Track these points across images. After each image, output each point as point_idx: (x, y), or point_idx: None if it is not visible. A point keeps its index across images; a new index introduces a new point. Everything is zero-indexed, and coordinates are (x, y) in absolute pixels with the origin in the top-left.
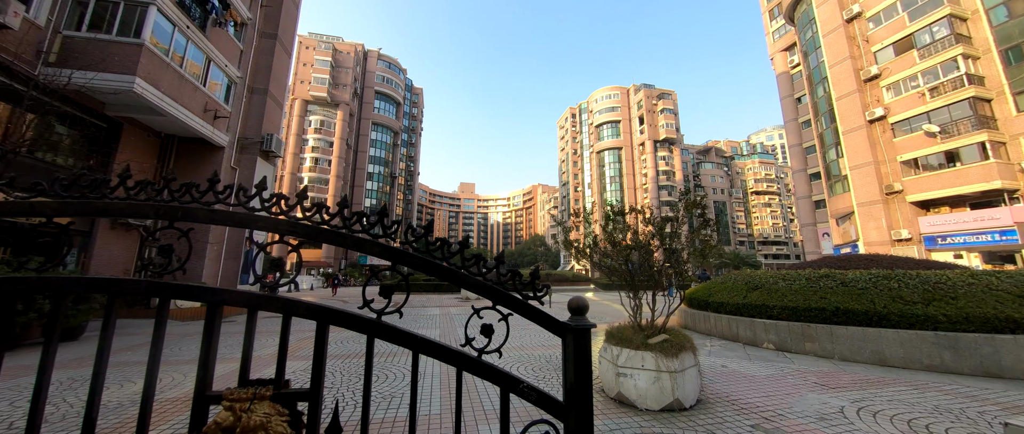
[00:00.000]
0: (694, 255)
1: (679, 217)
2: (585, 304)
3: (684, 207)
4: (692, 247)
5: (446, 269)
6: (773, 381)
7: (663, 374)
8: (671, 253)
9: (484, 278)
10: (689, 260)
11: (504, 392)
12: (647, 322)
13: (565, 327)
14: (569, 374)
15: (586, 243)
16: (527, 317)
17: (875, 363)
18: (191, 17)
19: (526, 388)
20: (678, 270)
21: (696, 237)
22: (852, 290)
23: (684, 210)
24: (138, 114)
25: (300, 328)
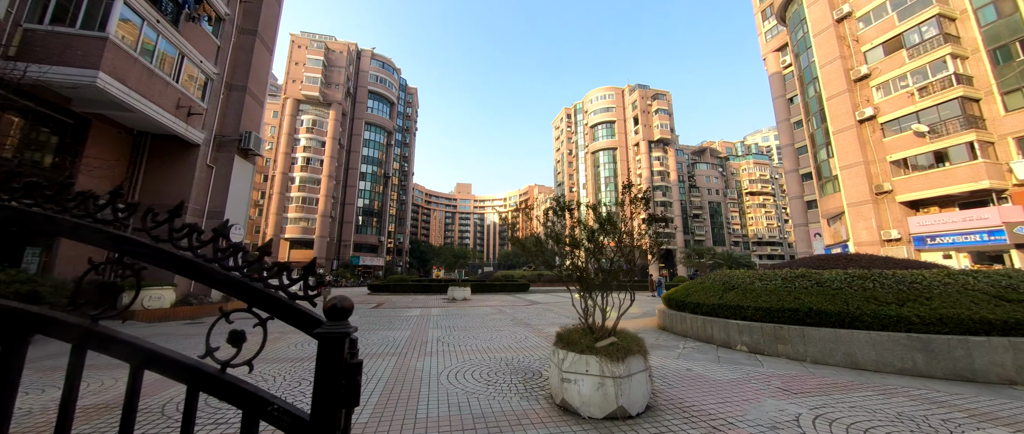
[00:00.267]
0: (649, 252)
1: (631, 214)
2: (347, 306)
3: (629, 201)
4: (639, 241)
5: (187, 262)
6: (735, 386)
7: (607, 380)
8: (621, 251)
9: (243, 275)
10: (644, 257)
11: (249, 417)
12: (600, 324)
13: (318, 334)
14: (316, 389)
15: (530, 241)
16: (286, 321)
17: (847, 366)
18: (162, 11)
19: (277, 412)
20: (631, 268)
21: (648, 234)
22: (827, 290)
23: (629, 204)
24: (106, 110)
25: None
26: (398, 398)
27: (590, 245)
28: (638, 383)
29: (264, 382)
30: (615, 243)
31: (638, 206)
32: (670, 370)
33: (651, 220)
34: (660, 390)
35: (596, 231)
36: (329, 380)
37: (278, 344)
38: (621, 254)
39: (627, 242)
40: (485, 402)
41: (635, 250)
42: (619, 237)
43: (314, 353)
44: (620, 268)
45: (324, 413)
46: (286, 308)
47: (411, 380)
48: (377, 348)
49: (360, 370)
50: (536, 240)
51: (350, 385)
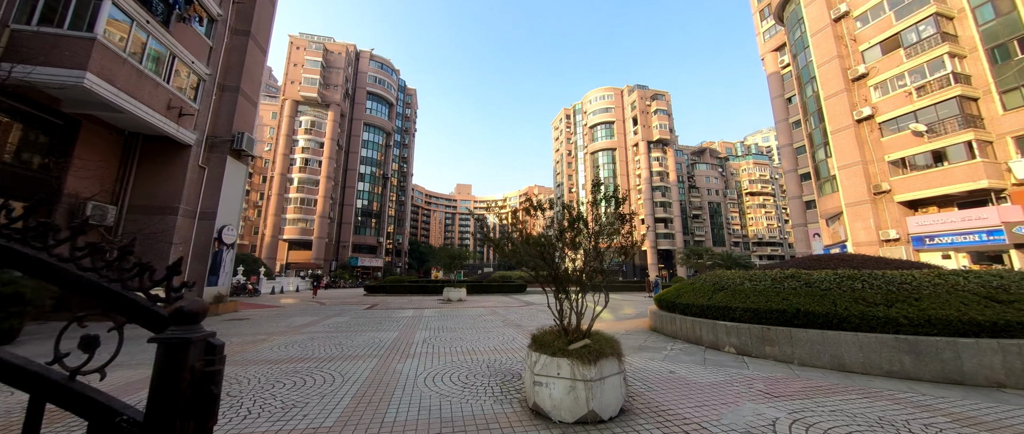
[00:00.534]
0: (624, 252)
1: (602, 214)
2: (197, 309)
3: (594, 200)
4: (605, 241)
5: (38, 262)
6: (715, 389)
7: (578, 383)
8: (586, 252)
9: (100, 275)
10: (612, 257)
11: (94, 429)
12: (575, 326)
13: (155, 340)
14: (150, 399)
15: (496, 237)
16: (143, 326)
17: (834, 368)
18: (152, 12)
19: (126, 423)
20: (596, 268)
21: (621, 234)
22: (815, 291)
23: (593, 204)
24: (96, 111)
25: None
26: (369, 401)
27: (559, 245)
28: (611, 386)
29: (237, 384)
30: (590, 242)
31: (610, 205)
32: (653, 372)
33: (620, 218)
34: (639, 393)
35: (565, 230)
36: (167, 390)
37: (262, 346)
38: (596, 254)
39: (594, 242)
40: (457, 405)
41: (609, 250)
42: (590, 237)
43: (301, 354)
44: (597, 269)
45: (159, 426)
46: (144, 313)
47: (387, 383)
48: (361, 350)
49: (215, 379)
50: (508, 240)
51: (199, 397)
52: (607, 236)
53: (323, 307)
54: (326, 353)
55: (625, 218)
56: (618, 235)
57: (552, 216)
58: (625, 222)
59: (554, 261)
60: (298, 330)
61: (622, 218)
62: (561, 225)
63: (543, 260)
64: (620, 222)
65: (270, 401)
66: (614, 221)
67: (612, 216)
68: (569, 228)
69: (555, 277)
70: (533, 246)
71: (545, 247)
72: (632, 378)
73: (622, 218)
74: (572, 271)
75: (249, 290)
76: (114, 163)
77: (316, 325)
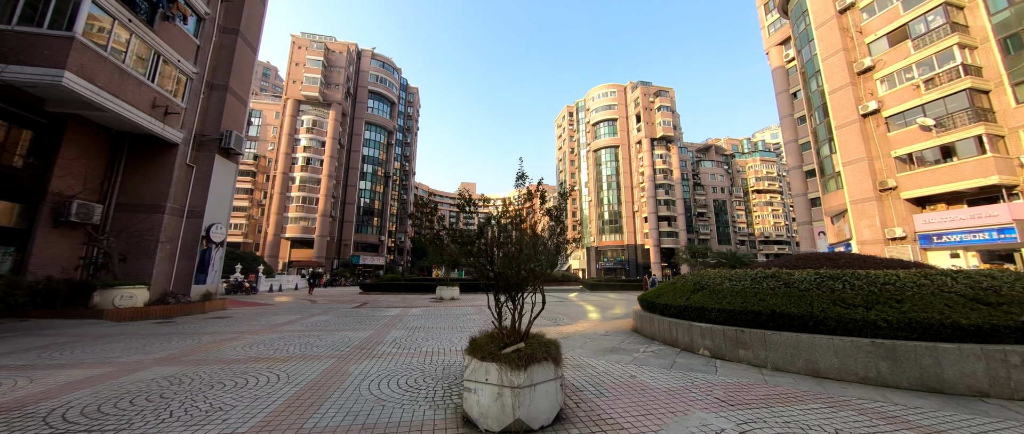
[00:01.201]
0: (549, 254)
1: (536, 209)
2: None
3: (538, 206)
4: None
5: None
6: (671, 396)
7: (505, 389)
8: (511, 258)
9: None
10: (556, 257)
11: None
12: (513, 328)
13: None
14: None
15: (428, 237)
16: None
17: (808, 373)
18: (135, 10)
19: None
20: (530, 269)
21: (555, 233)
22: (794, 292)
23: (540, 211)
24: (79, 110)
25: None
26: (300, 406)
27: (480, 241)
28: (543, 394)
29: (179, 385)
30: (529, 240)
31: (546, 201)
32: (613, 377)
33: (553, 217)
34: (587, 399)
35: (506, 228)
36: None
37: (228, 345)
38: (534, 253)
39: (529, 240)
40: (388, 412)
41: (546, 248)
42: (521, 235)
43: (261, 354)
44: (538, 269)
45: None
46: None
47: (330, 385)
48: (325, 350)
49: None
50: (437, 239)
51: None
52: (547, 236)
53: (313, 305)
54: (287, 353)
55: (554, 215)
56: (555, 236)
57: (485, 215)
58: (555, 220)
59: (483, 261)
60: (274, 329)
61: (554, 216)
62: (503, 224)
63: (472, 258)
64: (557, 224)
65: (199, 404)
66: (550, 216)
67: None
68: (503, 227)
69: (487, 277)
70: (459, 244)
71: (466, 244)
72: (588, 383)
73: (554, 216)
74: (510, 273)
75: (246, 288)
76: (101, 162)
77: (295, 324)
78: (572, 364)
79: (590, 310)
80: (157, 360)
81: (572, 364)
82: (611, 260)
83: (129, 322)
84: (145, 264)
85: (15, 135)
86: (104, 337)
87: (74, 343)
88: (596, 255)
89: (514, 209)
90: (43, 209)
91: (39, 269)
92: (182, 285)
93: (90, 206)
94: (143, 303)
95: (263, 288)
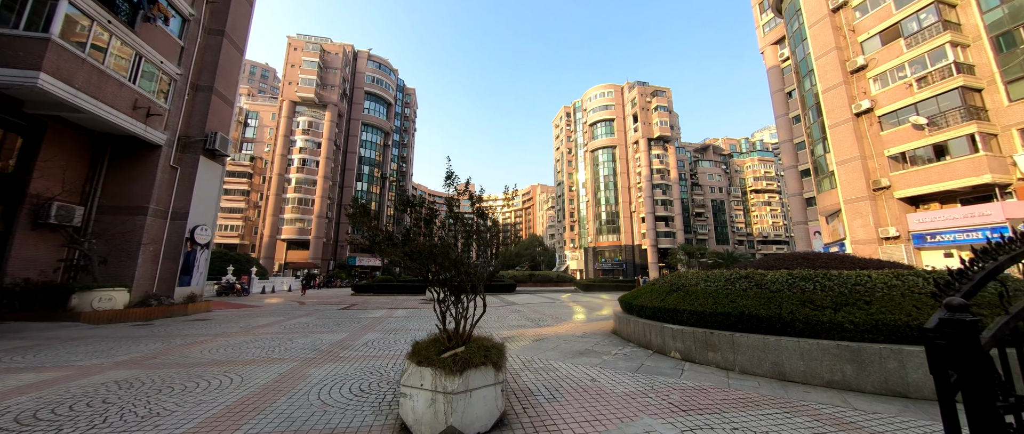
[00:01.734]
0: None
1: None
2: None
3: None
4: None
5: None
6: (625, 400)
7: (438, 395)
8: (451, 259)
9: None
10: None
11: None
12: (456, 331)
13: None
14: None
15: (368, 237)
16: None
17: (774, 377)
18: (115, 12)
19: None
20: (467, 272)
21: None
22: (765, 293)
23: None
24: (57, 111)
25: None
26: (239, 412)
27: (419, 239)
28: (480, 400)
29: (128, 388)
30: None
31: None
32: (573, 380)
33: (481, 215)
34: (537, 405)
35: (442, 227)
36: None
37: (196, 348)
38: (481, 251)
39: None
40: (328, 418)
41: (493, 255)
42: (469, 237)
43: (226, 357)
44: (482, 270)
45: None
46: None
47: (281, 390)
48: (293, 353)
49: None
50: (384, 237)
51: None
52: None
53: (300, 307)
54: (253, 356)
55: (482, 213)
56: (498, 243)
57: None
58: (484, 218)
59: (422, 261)
60: (250, 331)
61: (481, 214)
62: (443, 222)
63: (412, 261)
64: (483, 218)
65: (138, 409)
66: (479, 215)
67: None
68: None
69: (434, 279)
70: (393, 245)
71: (399, 245)
72: (544, 387)
73: (481, 214)
74: (449, 274)
75: (237, 290)
76: (83, 163)
77: (274, 326)
78: (536, 367)
79: (577, 311)
80: (117, 363)
81: (536, 367)
82: (609, 261)
83: (107, 325)
84: (127, 266)
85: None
86: (74, 340)
87: (41, 346)
88: (594, 256)
89: (459, 210)
90: (22, 211)
91: (17, 272)
92: (166, 287)
93: (70, 208)
94: (123, 305)
95: (255, 290)
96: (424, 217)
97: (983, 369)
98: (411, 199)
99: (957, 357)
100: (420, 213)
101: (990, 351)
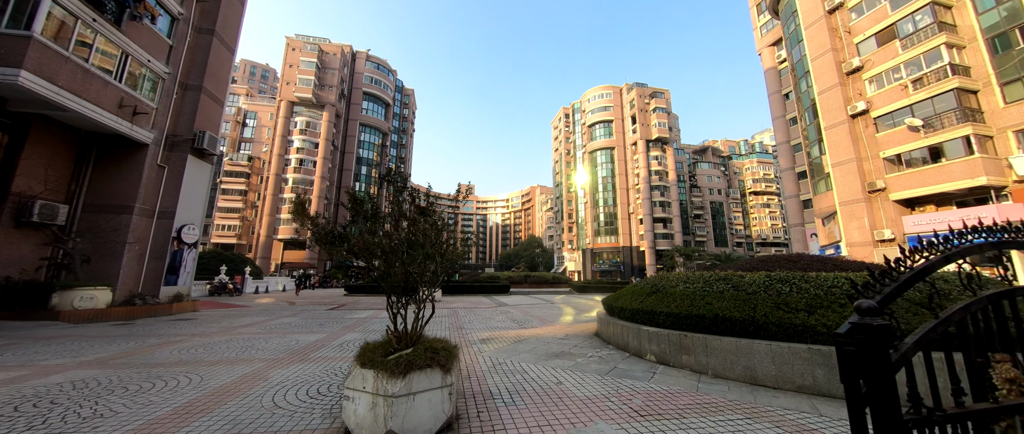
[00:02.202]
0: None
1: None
2: None
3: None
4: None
5: None
6: (585, 405)
7: (379, 398)
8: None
9: None
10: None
11: None
12: (406, 332)
13: None
14: None
15: (315, 234)
16: None
17: (746, 381)
18: (100, 10)
19: None
20: (412, 272)
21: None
22: (741, 295)
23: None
24: (43, 110)
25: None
26: (187, 413)
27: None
28: (425, 404)
29: (83, 388)
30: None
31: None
32: (539, 384)
33: (421, 212)
34: (495, 408)
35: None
36: None
37: (169, 347)
38: (425, 250)
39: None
40: (274, 421)
41: (448, 250)
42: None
43: (194, 358)
44: (410, 273)
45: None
46: None
47: (237, 391)
48: (263, 353)
49: None
50: (324, 234)
51: None
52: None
53: (290, 307)
54: (222, 356)
55: (425, 211)
56: (440, 242)
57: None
58: (441, 229)
59: (365, 258)
60: (229, 331)
61: (422, 212)
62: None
63: (355, 258)
64: (424, 215)
65: (84, 410)
66: (420, 214)
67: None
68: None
69: (371, 276)
70: (332, 242)
71: (340, 241)
72: (506, 390)
73: (422, 212)
74: (396, 272)
75: (230, 290)
76: (69, 162)
77: (256, 326)
78: (506, 370)
79: (566, 313)
80: (82, 363)
81: (506, 370)
82: (606, 262)
83: (86, 324)
84: (112, 265)
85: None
86: (48, 339)
87: (12, 345)
88: (592, 257)
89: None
90: (4, 209)
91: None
92: (151, 286)
93: (54, 206)
94: (105, 304)
95: (249, 290)
96: (369, 213)
97: (889, 379)
98: (358, 195)
99: (866, 365)
100: (366, 210)
101: (913, 358)
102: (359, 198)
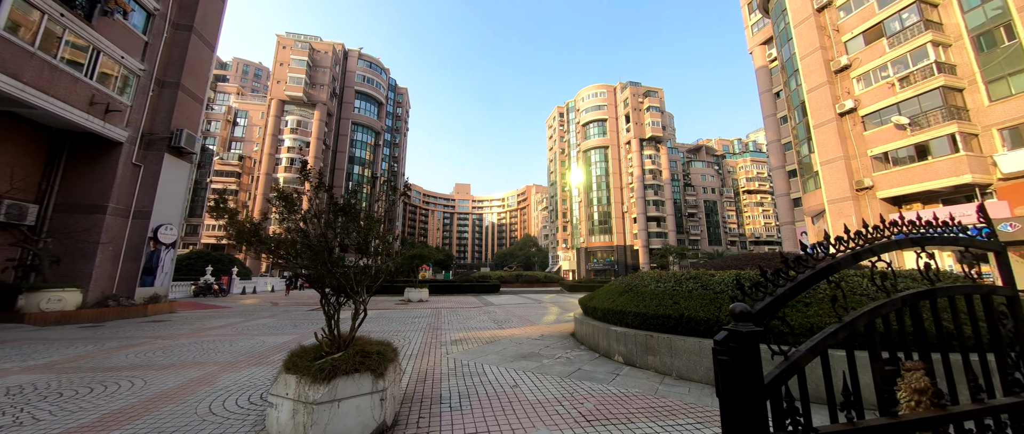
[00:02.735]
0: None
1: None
2: None
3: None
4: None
5: None
6: (534, 409)
7: (300, 405)
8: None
9: None
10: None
11: None
12: (338, 336)
13: None
14: None
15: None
16: None
17: (708, 382)
18: (69, 5)
19: None
20: (337, 271)
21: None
22: (708, 294)
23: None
24: (10, 107)
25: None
26: (113, 420)
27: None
28: (351, 410)
29: (20, 394)
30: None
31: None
32: (494, 387)
33: (338, 211)
34: (439, 413)
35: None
36: None
37: (128, 351)
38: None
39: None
40: (201, 429)
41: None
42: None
43: (149, 361)
44: (369, 270)
45: None
46: None
47: (176, 397)
48: (221, 356)
49: None
50: (248, 233)
51: None
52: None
53: (272, 308)
54: (178, 359)
55: (344, 209)
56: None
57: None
58: (343, 214)
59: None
60: (198, 333)
61: (342, 210)
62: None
63: (278, 257)
64: (340, 214)
65: (5, 418)
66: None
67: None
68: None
69: (298, 274)
70: (242, 238)
71: (263, 241)
72: (458, 394)
73: (342, 210)
74: (322, 270)
75: (215, 290)
76: (39, 160)
77: (229, 327)
78: (465, 372)
79: (550, 313)
80: (28, 368)
81: (465, 372)
82: (601, 261)
83: (53, 327)
84: (84, 266)
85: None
86: (3, 343)
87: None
88: (586, 256)
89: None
90: None
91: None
92: (126, 287)
93: (23, 206)
94: (74, 306)
95: (236, 290)
96: (285, 211)
97: (756, 392)
98: (284, 192)
99: (738, 375)
100: (290, 206)
101: (806, 365)
102: (284, 193)
